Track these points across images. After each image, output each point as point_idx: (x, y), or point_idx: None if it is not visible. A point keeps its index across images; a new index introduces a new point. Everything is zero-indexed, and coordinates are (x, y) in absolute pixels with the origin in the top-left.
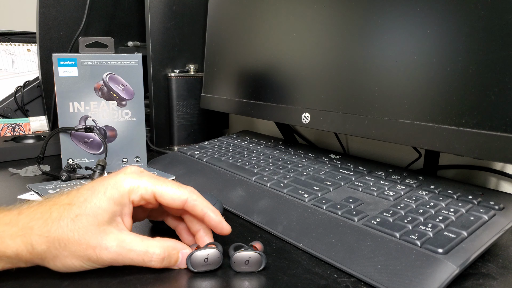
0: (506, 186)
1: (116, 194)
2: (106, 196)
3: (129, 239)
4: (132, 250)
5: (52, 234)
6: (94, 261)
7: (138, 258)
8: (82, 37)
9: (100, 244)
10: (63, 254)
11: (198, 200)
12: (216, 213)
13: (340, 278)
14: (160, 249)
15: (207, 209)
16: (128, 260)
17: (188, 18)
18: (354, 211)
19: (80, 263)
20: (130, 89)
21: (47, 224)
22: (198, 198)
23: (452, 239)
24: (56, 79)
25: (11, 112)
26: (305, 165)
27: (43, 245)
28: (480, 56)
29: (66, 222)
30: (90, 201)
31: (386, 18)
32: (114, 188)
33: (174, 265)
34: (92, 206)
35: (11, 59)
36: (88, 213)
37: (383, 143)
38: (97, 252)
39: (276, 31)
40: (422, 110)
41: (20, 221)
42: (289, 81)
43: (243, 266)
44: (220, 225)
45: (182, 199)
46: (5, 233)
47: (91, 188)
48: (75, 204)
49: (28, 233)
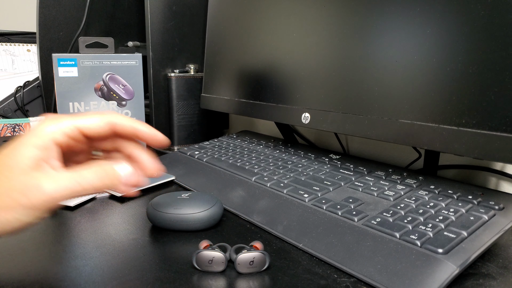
0: (506, 186)
1: (38, 139)
2: (29, 144)
3: (59, 174)
4: (66, 183)
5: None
6: (29, 206)
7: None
8: (82, 37)
9: (29, 186)
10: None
11: (123, 118)
12: (145, 125)
13: (340, 278)
14: (92, 173)
15: (136, 124)
16: (65, 193)
17: (188, 18)
18: (354, 211)
19: (15, 214)
20: (130, 89)
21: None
22: (123, 117)
23: (452, 239)
24: (56, 79)
25: (11, 112)
26: (305, 165)
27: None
28: (480, 56)
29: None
30: (13, 153)
31: (386, 18)
32: (35, 134)
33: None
34: (15, 156)
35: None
36: (13, 164)
37: (383, 143)
38: (30, 196)
39: (276, 31)
40: (422, 110)
41: None
42: (289, 81)
43: (247, 267)
44: (154, 136)
45: (107, 120)
46: None
47: (15, 142)
48: None
49: None
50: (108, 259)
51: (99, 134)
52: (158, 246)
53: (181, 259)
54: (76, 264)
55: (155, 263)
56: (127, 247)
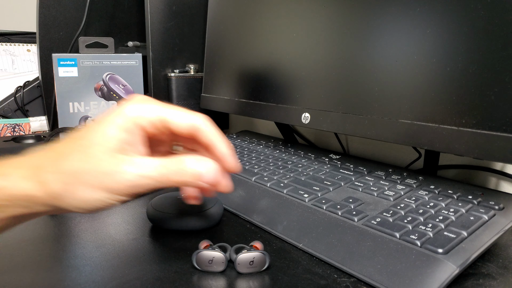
0: (506, 186)
1: (123, 121)
2: (116, 124)
3: (145, 160)
4: (151, 171)
5: (65, 168)
6: (112, 189)
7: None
8: (82, 37)
9: (116, 169)
10: (79, 189)
11: (210, 127)
12: (225, 144)
13: (340, 278)
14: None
15: (217, 138)
16: (150, 181)
17: (188, 18)
18: (354, 211)
19: (98, 195)
20: (130, 89)
21: (58, 159)
22: (211, 126)
23: (452, 239)
24: (56, 79)
25: (11, 112)
26: (305, 165)
27: (57, 182)
28: (480, 56)
29: (77, 155)
30: (99, 131)
31: (386, 18)
32: (121, 116)
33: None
34: (100, 135)
35: (11, 59)
36: (98, 142)
37: (383, 143)
38: (116, 179)
39: (276, 31)
40: (422, 110)
41: (31, 163)
42: (289, 81)
43: (247, 267)
44: (227, 157)
45: (191, 122)
46: (17, 176)
47: (99, 121)
48: (84, 137)
49: (40, 173)
50: (108, 259)
51: (182, 133)
52: (158, 246)
53: (181, 259)
54: (76, 264)
55: (155, 263)
56: (127, 247)
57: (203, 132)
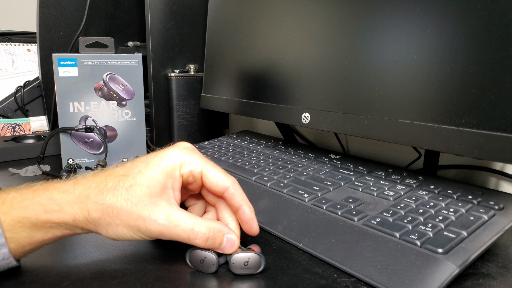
0: (506, 186)
1: (169, 166)
2: (160, 168)
3: (177, 214)
4: (179, 225)
5: (107, 202)
6: (143, 232)
7: (184, 234)
8: (82, 37)
9: (150, 215)
10: (115, 223)
11: (239, 191)
12: (251, 210)
13: (340, 278)
14: (206, 229)
15: (244, 202)
16: (175, 235)
17: (188, 18)
18: (354, 211)
19: (130, 232)
20: (130, 89)
21: (103, 192)
22: (239, 189)
23: (452, 239)
24: (56, 79)
25: (11, 112)
26: (305, 165)
27: (98, 212)
28: (480, 56)
29: (120, 192)
30: (144, 173)
31: (386, 18)
32: (167, 161)
33: (218, 247)
34: (146, 177)
35: (11, 59)
36: (142, 184)
37: (383, 143)
38: (146, 223)
39: (276, 31)
40: (422, 110)
41: (77, 190)
42: (289, 81)
43: (242, 268)
44: (251, 221)
45: (226, 185)
46: (63, 200)
47: (146, 161)
48: (129, 175)
49: (84, 200)
50: (108, 259)
51: (214, 191)
52: (158, 246)
53: (181, 259)
54: (76, 264)
55: (155, 263)
56: (127, 247)
57: (235, 196)
